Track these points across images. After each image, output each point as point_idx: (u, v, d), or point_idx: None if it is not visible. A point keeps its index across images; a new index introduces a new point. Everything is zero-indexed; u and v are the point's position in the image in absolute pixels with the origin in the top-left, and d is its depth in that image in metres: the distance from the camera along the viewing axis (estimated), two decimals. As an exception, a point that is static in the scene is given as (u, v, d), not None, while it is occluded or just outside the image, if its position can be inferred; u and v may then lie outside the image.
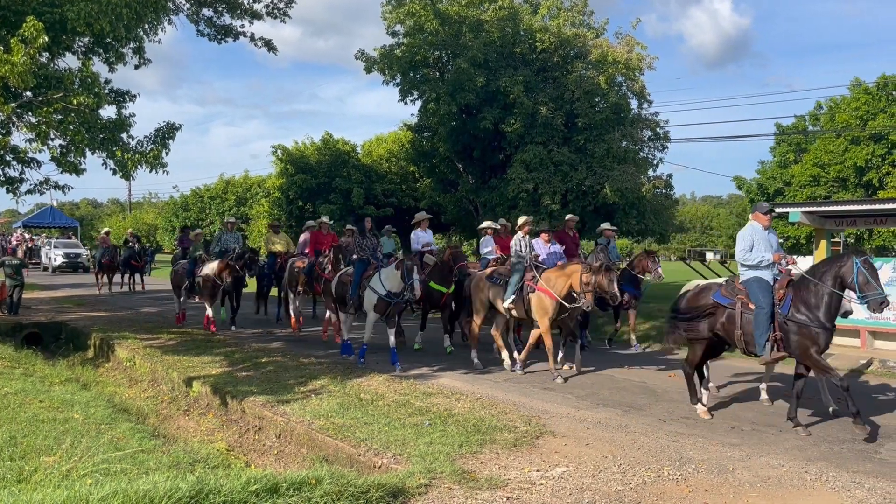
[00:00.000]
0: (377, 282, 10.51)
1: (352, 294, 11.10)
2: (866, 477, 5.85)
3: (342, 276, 11.75)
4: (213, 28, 15.81)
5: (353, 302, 11.13)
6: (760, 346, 7.36)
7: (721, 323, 7.71)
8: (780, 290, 7.44)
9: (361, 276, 11.02)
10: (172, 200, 55.55)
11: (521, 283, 10.20)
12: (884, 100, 27.77)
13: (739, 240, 7.75)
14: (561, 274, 9.85)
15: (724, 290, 7.83)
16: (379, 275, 10.57)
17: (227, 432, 8.83)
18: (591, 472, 5.99)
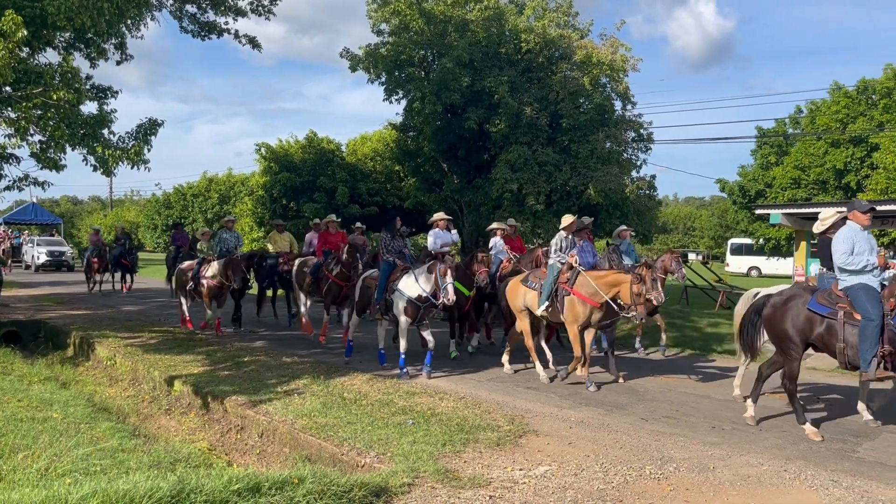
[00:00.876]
0: (407, 284, 9.86)
1: (377, 298, 10.36)
2: (844, 475, 5.92)
3: (366, 279, 10.90)
4: (197, 24, 15.68)
5: (379, 307, 10.38)
6: (866, 361, 6.75)
7: (819, 334, 7.12)
8: (889, 298, 6.80)
9: (388, 279, 10.32)
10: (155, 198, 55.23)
11: (555, 286, 9.50)
12: (863, 103, 28.08)
13: (838, 242, 7.09)
14: (603, 282, 9.06)
15: (820, 297, 7.21)
16: (409, 277, 9.91)
17: (209, 432, 8.78)
18: (573, 471, 6.02)
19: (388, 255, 10.58)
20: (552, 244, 9.92)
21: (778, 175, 29.65)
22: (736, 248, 41.98)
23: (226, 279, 13.19)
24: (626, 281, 8.78)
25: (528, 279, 10.13)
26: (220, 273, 13.25)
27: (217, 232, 14.96)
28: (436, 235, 11.98)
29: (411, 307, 9.80)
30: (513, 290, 10.33)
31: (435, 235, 11.98)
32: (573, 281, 9.33)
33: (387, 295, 10.24)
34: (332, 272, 12.44)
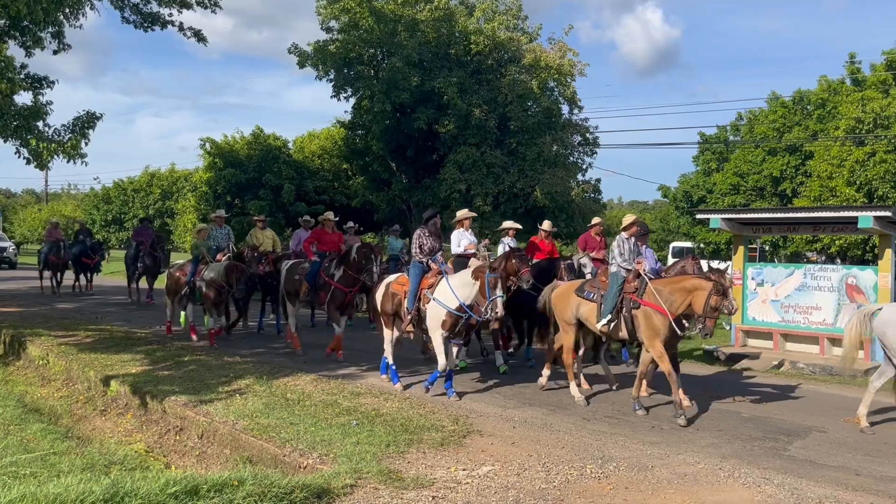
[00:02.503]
0: (444, 292, 8.59)
1: (409, 307, 9.02)
2: (775, 473, 6.12)
3: (392, 284, 9.53)
4: (140, 15, 15.24)
5: (411, 317, 9.02)
6: None
7: None
8: None
9: (419, 286, 8.99)
10: (93, 192, 53.62)
11: (620, 296, 8.26)
12: (799, 113, 29.08)
13: None
14: (676, 287, 7.91)
15: None
16: (444, 284, 8.66)
17: (147, 433, 8.57)
18: (516, 471, 6.07)
19: (421, 257, 9.16)
20: (613, 248, 8.76)
21: (718, 181, 30.49)
22: (677, 251, 42.84)
23: (227, 284, 11.82)
24: (704, 288, 7.60)
25: (583, 288, 8.79)
26: (222, 277, 11.86)
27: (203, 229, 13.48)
28: (460, 236, 10.73)
29: (451, 319, 8.50)
30: (562, 300, 8.99)
31: (459, 236, 10.74)
32: (642, 291, 8.15)
33: (419, 304, 8.94)
34: (333, 277, 10.95)
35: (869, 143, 21.18)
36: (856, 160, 21.06)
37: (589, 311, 8.64)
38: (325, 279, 11.05)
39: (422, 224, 9.48)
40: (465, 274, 8.56)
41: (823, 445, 7.15)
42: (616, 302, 8.27)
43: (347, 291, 10.86)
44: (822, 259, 24.32)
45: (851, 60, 27.48)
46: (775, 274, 12.81)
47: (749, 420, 8.08)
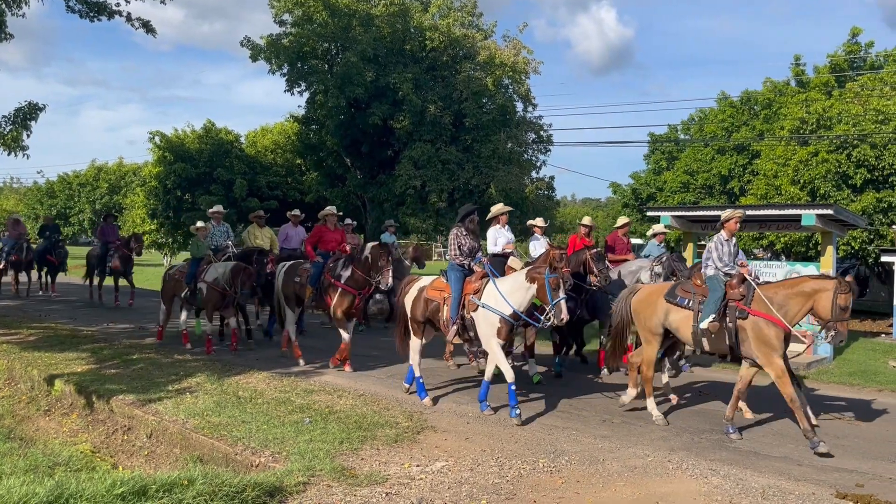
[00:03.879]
0: (494, 297, 7.72)
1: (452, 315, 8.04)
2: (721, 464, 6.28)
3: (427, 289, 8.48)
4: (85, 5, 14.81)
5: (455, 325, 8.06)
6: None
7: None
8: None
9: (462, 290, 8.07)
10: (37, 186, 52.10)
11: (723, 302, 7.33)
12: (746, 113, 29.82)
13: None
14: (791, 292, 7.04)
15: None
16: (492, 288, 7.80)
17: (93, 433, 8.36)
18: (469, 466, 6.10)
19: (460, 259, 8.24)
20: (710, 249, 7.69)
21: (669, 179, 31.08)
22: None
23: (232, 287, 10.79)
24: (827, 288, 6.80)
25: (674, 293, 7.77)
26: (227, 279, 10.86)
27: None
28: (496, 234, 9.85)
29: (506, 326, 7.67)
30: (648, 306, 7.96)
31: (496, 234, 9.84)
32: (749, 298, 7.23)
33: (465, 311, 8.01)
34: (340, 278, 10.00)
35: (812, 144, 21.83)
36: (800, 160, 21.68)
37: (682, 320, 7.62)
38: (330, 281, 10.10)
39: (457, 221, 8.53)
40: (518, 276, 7.73)
41: (767, 437, 7.36)
42: (718, 309, 7.29)
43: (356, 294, 9.88)
44: (769, 256, 25.01)
45: (796, 62, 28.29)
46: (723, 270, 13.09)
47: (697, 413, 8.28)
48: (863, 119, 21.02)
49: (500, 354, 7.70)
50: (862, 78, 23.97)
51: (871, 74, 24.02)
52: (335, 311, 9.96)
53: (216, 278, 10.95)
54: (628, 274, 10.38)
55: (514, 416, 7.48)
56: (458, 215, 8.68)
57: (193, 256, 11.82)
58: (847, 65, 25.77)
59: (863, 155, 20.22)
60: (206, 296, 11.11)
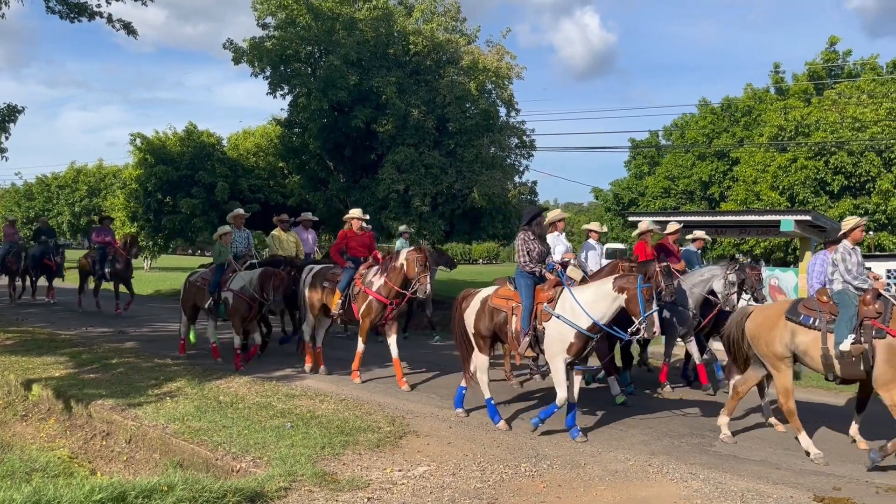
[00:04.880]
0: (571, 308, 7.10)
1: (523, 327, 7.35)
2: (701, 468, 6.33)
3: (491, 298, 7.79)
4: (66, 5, 14.69)
5: (527, 339, 7.35)
6: None
7: None
8: None
9: (534, 299, 7.43)
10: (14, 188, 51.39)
11: (857, 320, 6.59)
12: (726, 120, 30.16)
13: None
14: None
15: None
16: (568, 298, 7.17)
17: (71, 438, 8.27)
18: (451, 471, 6.11)
19: (531, 265, 7.59)
20: (836, 261, 7.00)
21: (650, 184, 31.33)
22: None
23: (261, 295, 10.12)
24: None
25: (796, 311, 7.01)
26: (255, 286, 10.14)
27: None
28: (555, 241, 9.27)
29: (579, 341, 7.05)
30: (769, 327, 7.10)
31: (554, 241, 9.27)
32: (887, 315, 6.49)
33: (536, 323, 7.35)
34: (370, 286, 9.51)
35: (791, 150, 22.10)
36: (779, 166, 21.95)
37: (811, 343, 6.83)
38: (361, 288, 9.61)
39: (524, 224, 7.88)
40: (602, 285, 7.11)
41: (746, 441, 7.43)
42: (853, 329, 6.56)
43: (387, 303, 9.39)
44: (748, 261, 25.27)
45: (776, 70, 28.66)
46: (703, 275, 13.20)
47: (677, 417, 8.34)
48: (840, 126, 21.33)
49: (561, 373, 7.09)
50: (839, 86, 24.33)
51: (849, 82, 24.38)
52: (362, 319, 9.55)
53: (243, 287, 10.25)
54: (699, 283, 9.63)
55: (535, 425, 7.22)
56: (523, 217, 8.12)
57: (217, 264, 11.00)
58: (825, 73, 26.16)
59: (840, 162, 20.51)
60: (232, 306, 10.35)
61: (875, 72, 24.82)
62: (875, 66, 25.31)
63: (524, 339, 7.35)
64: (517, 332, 7.44)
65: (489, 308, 7.75)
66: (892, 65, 25.44)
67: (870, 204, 20.18)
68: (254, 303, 10.20)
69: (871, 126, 20.88)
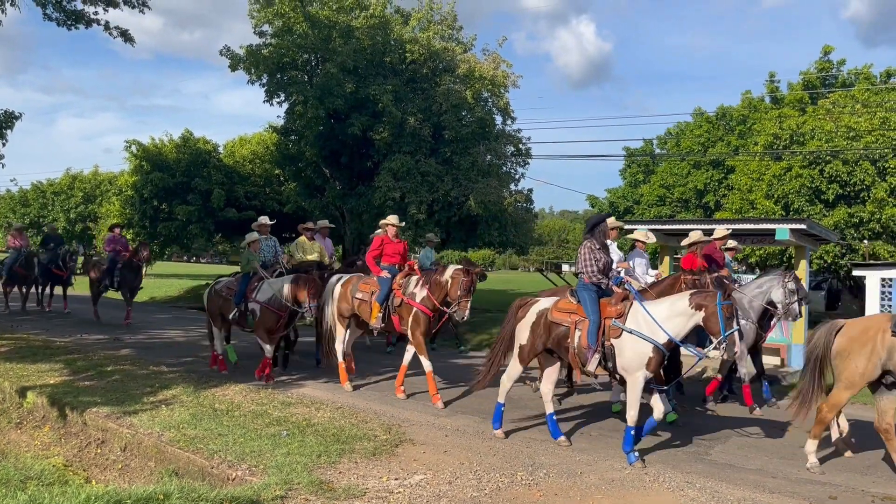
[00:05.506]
0: (645, 323, 6.71)
1: (591, 343, 6.88)
2: (698, 477, 6.34)
3: (551, 312, 7.29)
4: (63, 13, 14.72)
5: (596, 356, 6.89)
6: None
7: None
8: None
9: (601, 313, 6.98)
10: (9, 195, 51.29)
11: None
12: (721, 129, 30.27)
13: None
14: None
15: None
16: (639, 312, 6.79)
17: (66, 446, 8.23)
18: (448, 479, 6.10)
19: (597, 277, 7.15)
20: None
21: (645, 192, 31.41)
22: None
23: (295, 303, 9.66)
24: None
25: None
26: (287, 294, 9.69)
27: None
28: (639, 256, 8.98)
29: (658, 356, 6.66)
30: (863, 344, 6.49)
31: (639, 257, 8.98)
32: None
33: (605, 339, 6.92)
34: (413, 297, 9.06)
35: (786, 159, 22.18)
36: (774, 175, 22.01)
37: None
38: (403, 299, 9.16)
39: (586, 232, 7.44)
40: (677, 301, 6.73)
41: (742, 449, 7.44)
42: None
43: (431, 316, 8.98)
44: (743, 269, 25.32)
45: (771, 79, 28.78)
46: (699, 283, 13.24)
47: (673, 425, 8.34)
48: (835, 135, 21.41)
49: (637, 389, 6.67)
50: (834, 95, 24.44)
51: (843, 92, 24.50)
52: (412, 333, 9.01)
53: (271, 297, 9.82)
54: (757, 294, 9.27)
55: (634, 461, 6.64)
56: (587, 225, 7.60)
57: (244, 273, 10.57)
58: (819, 82, 26.28)
59: (835, 170, 20.58)
60: (259, 317, 9.91)
61: (869, 81, 24.95)
62: (869, 75, 25.44)
63: (593, 357, 6.89)
64: (581, 348, 6.98)
65: (548, 322, 7.27)
66: (885, 74, 25.58)
67: (864, 213, 20.24)
68: (282, 313, 9.80)
69: (865, 135, 20.96)
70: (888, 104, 22.49)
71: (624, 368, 6.81)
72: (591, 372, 7.06)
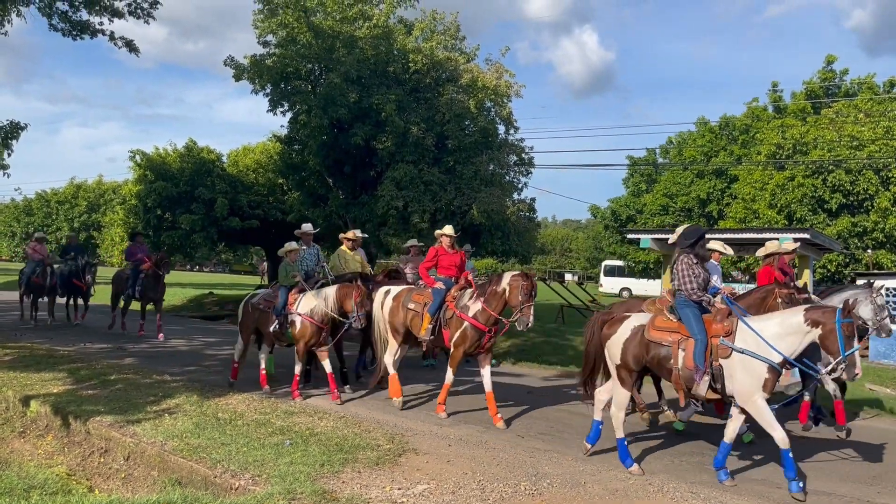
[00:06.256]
0: (753, 342, 6.28)
1: (698, 363, 6.46)
2: (702, 487, 6.31)
3: (648, 329, 6.91)
4: (68, 23, 14.81)
5: (706, 378, 6.47)
6: None
7: None
8: None
9: (706, 331, 6.56)
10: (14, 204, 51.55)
11: None
12: (724, 138, 30.33)
13: None
14: None
15: None
16: (746, 330, 6.37)
17: (69, 455, 8.22)
18: (451, 489, 6.08)
19: (698, 293, 6.77)
20: None
21: (648, 201, 31.44)
22: (609, 269, 44.02)
23: (341, 313, 9.24)
24: None
25: None
26: (332, 304, 9.24)
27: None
28: (713, 270, 8.26)
29: (773, 376, 6.28)
30: None
31: (713, 271, 8.21)
32: None
33: (713, 359, 6.50)
34: (466, 310, 8.61)
35: (789, 168, 22.19)
36: (777, 184, 22.03)
37: None
38: (455, 312, 8.70)
39: (685, 246, 7.01)
40: (790, 317, 6.32)
41: (747, 460, 7.41)
42: None
43: (486, 331, 8.50)
44: (747, 278, 25.31)
45: (774, 89, 28.84)
46: (702, 293, 13.23)
47: (678, 435, 8.32)
48: (838, 145, 21.44)
49: (767, 413, 6.23)
50: (837, 104, 24.48)
51: (846, 101, 24.53)
52: (454, 347, 8.61)
53: (313, 309, 9.42)
54: None
55: (797, 491, 6.17)
56: (684, 238, 7.12)
57: (283, 284, 10.12)
58: (822, 92, 26.33)
59: (838, 180, 20.59)
60: (299, 330, 9.49)
61: (872, 91, 24.99)
62: (872, 85, 25.49)
63: (702, 379, 6.48)
64: (687, 369, 6.59)
65: (644, 340, 6.90)
66: (889, 84, 25.63)
67: (868, 222, 20.25)
68: (324, 326, 9.43)
69: (868, 144, 20.99)
70: (891, 114, 22.51)
71: (738, 393, 6.36)
72: (701, 395, 6.65)
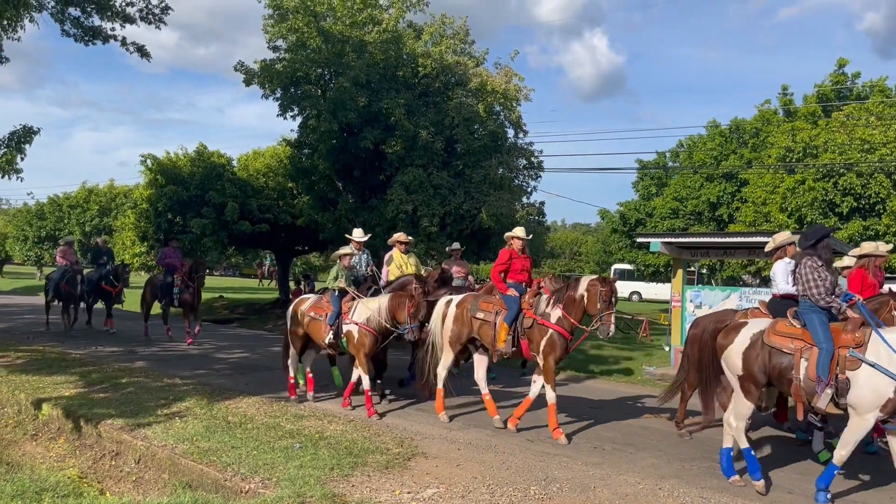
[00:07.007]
0: (885, 355, 5.71)
1: (821, 374, 5.93)
2: (712, 492, 6.29)
3: (768, 335, 6.38)
4: (81, 29, 14.94)
5: (829, 391, 5.91)
6: None
7: None
8: None
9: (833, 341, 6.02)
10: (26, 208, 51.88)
11: None
12: (734, 142, 30.20)
13: None
14: None
15: None
16: (877, 341, 5.81)
17: (80, 458, 8.28)
18: (460, 493, 6.08)
19: (826, 299, 6.24)
20: None
21: (658, 205, 31.34)
22: (619, 273, 43.89)
23: (393, 323, 8.80)
24: None
25: None
26: (385, 314, 8.84)
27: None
28: (788, 269, 7.52)
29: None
30: None
31: (787, 269, 7.55)
32: None
33: (839, 371, 5.92)
34: (547, 318, 8.09)
35: (799, 172, 22.08)
36: (787, 188, 21.92)
37: None
38: (535, 320, 8.17)
39: (807, 247, 6.51)
40: None
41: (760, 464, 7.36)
42: None
43: (568, 338, 8.05)
44: (757, 282, 25.17)
45: (784, 92, 28.70)
46: (713, 296, 13.22)
47: (688, 440, 8.28)
48: (849, 148, 21.31)
49: (861, 435, 5.88)
50: (848, 107, 24.33)
51: (857, 104, 24.39)
52: (544, 358, 8.02)
53: (369, 317, 8.99)
54: None
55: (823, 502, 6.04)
56: (806, 239, 6.60)
57: (338, 291, 9.59)
58: (833, 95, 26.19)
59: (849, 183, 20.47)
60: (358, 340, 9.04)
61: (884, 94, 24.83)
62: (884, 88, 25.32)
63: (824, 392, 5.91)
64: (809, 380, 6.06)
65: (766, 347, 6.36)
66: (900, 87, 25.46)
67: (880, 226, 20.11)
68: (380, 335, 9.02)
69: (879, 148, 20.85)
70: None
71: (854, 406, 5.87)
72: (821, 409, 6.10)
